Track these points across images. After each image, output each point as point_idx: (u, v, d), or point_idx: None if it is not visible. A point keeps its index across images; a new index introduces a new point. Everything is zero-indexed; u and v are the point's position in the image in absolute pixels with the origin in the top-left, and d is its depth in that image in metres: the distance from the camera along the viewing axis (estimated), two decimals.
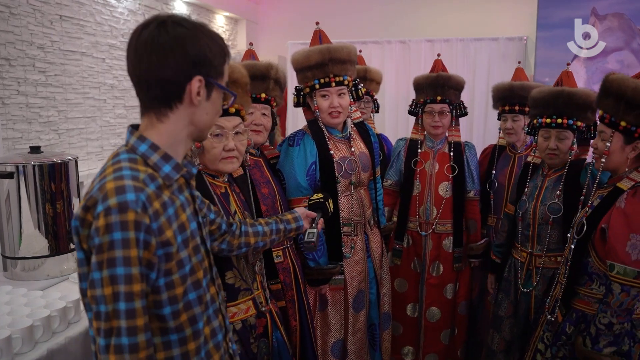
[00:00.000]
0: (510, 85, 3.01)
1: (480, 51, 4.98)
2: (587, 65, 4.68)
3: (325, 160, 2.42)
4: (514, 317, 2.55)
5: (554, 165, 2.46)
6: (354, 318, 2.55)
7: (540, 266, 2.44)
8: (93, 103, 3.56)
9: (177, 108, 1.15)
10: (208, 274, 1.27)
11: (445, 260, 2.99)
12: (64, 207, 2.28)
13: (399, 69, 5.20)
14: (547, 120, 2.37)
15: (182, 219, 1.17)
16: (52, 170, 2.24)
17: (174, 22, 1.12)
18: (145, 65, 1.12)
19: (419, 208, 3.02)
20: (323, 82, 2.38)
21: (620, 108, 1.89)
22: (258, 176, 2.20)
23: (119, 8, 3.78)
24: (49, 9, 3.14)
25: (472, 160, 3.04)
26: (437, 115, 2.95)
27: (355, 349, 2.57)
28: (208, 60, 1.14)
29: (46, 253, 2.26)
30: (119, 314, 1.02)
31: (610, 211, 1.89)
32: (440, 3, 5.21)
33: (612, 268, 1.83)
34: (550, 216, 2.39)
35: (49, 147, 3.17)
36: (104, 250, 1.02)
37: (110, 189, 1.05)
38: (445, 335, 3.07)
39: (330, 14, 5.36)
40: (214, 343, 1.24)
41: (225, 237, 1.62)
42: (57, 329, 1.83)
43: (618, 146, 1.92)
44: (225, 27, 5.44)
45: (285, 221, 1.80)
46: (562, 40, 4.72)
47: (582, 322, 1.99)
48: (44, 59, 3.12)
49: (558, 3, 4.70)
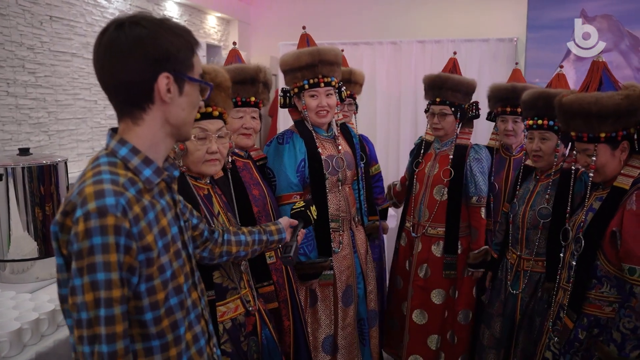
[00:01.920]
0: (512, 86, 2.94)
1: (471, 52, 5.00)
2: (577, 66, 4.72)
3: (314, 157, 2.49)
4: (502, 316, 2.58)
5: (543, 169, 2.48)
6: (344, 313, 2.61)
7: (528, 269, 2.46)
8: (83, 104, 3.55)
9: (150, 109, 1.14)
10: (190, 279, 1.26)
11: (433, 265, 2.94)
12: (53, 209, 2.28)
13: (390, 70, 5.21)
14: (529, 122, 2.40)
15: (163, 224, 1.16)
16: (42, 172, 2.23)
17: (131, 22, 1.10)
18: (107, 70, 1.11)
19: (414, 209, 3.04)
20: (312, 82, 2.47)
21: (594, 123, 1.91)
22: (248, 178, 2.21)
23: (110, 9, 3.77)
24: (38, 9, 3.13)
25: (475, 164, 2.90)
26: (437, 116, 2.94)
27: (346, 343, 2.62)
28: (172, 55, 1.11)
29: (35, 255, 2.25)
30: (99, 320, 1.02)
31: (620, 213, 1.88)
32: (431, 4, 5.23)
33: (633, 272, 1.80)
34: (540, 221, 2.41)
35: (38, 148, 3.15)
36: (84, 256, 1.01)
37: (89, 194, 1.03)
38: (433, 340, 2.98)
39: (322, 15, 5.37)
40: (196, 349, 1.23)
41: (207, 245, 1.62)
42: (46, 332, 1.83)
43: (608, 155, 1.94)
44: (217, 28, 5.43)
45: (268, 232, 1.80)
46: (552, 41, 4.75)
47: (595, 326, 1.95)
48: (33, 60, 3.11)
49: (548, 4, 4.73)
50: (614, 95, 1.88)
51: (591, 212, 2.01)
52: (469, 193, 2.90)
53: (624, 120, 1.88)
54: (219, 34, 5.48)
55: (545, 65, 4.74)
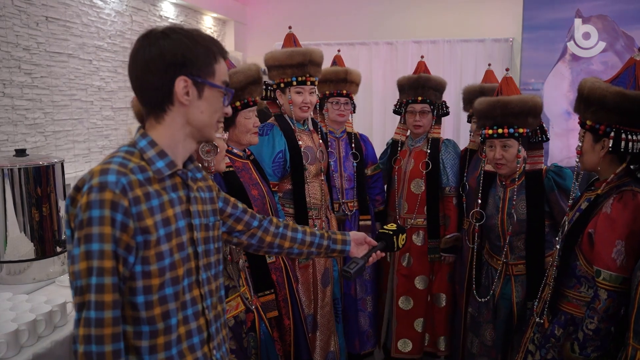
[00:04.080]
0: (481, 88, 3.05)
1: (466, 52, 5.02)
2: (572, 66, 4.73)
3: (294, 149, 2.68)
4: (492, 322, 2.56)
5: (506, 175, 2.48)
6: (322, 293, 2.82)
7: (518, 273, 2.47)
8: (80, 105, 3.54)
9: (171, 110, 1.23)
10: (193, 275, 1.28)
11: (415, 253, 3.18)
12: (50, 210, 2.27)
13: (386, 70, 5.22)
14: (489, 131, 2.38)
15: (168, 214, 1.21)
16: (38, 173, 2.23)
17: (159, 33, 1.21)
18: (134, 74, 1.23)
19: (395, 203, 3.26)
20: (300, 80, 2.68)
21: (581, 107, 1.92)
22: (247, 178, 2.23)
23: (106, 9, 3.76)
24: (34, 10, 3.12)
25: (447, 156, 3.17)
26: (418, 114, 3.14)
27: (325, 321, 2.85)
28: (189, 60, 1.19)
29: (32, 257, 2.25)
30: (90, 288, 1.09)
31: (597, 216, 1.90)
32: (427, 4, 5.24)
33: (599, 274, 1.83)
34: (521, 230, 2.42)
35: (35, 149, 3.15)
36: (83, 227, 1.10)
37: (96, 171, 1.14)
38: (419, 323, 3.24)
39: (318, 16, 5.38)
40: (188, 344, 1.25)
41: (255, 233, 1.60)
42: (43, 333, 1.83)
43: (589, 145, 1.94)
44: (213, 29, 5.43)
45: (332, 239, 1.70)
46: (547, 41, 4.77)
47: (571, 324, 1.99)
48: (29, 61, 3.10)
49: (543, 5, 4.75)
50: (608, 87, 1.87)
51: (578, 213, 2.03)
52: (442, 184, 3.16)
53: (604, 113, 1.87)
54: (215, 35, 5.48)
55: (540, 66, 4.76)
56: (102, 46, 3.72)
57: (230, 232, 1.55)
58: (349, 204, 3.19)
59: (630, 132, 1.84)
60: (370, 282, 3.30)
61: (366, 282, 3.27)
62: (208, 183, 1.40)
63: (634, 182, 1.89)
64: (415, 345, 3.25)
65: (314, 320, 2.81)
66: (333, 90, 3.12)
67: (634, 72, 1.90)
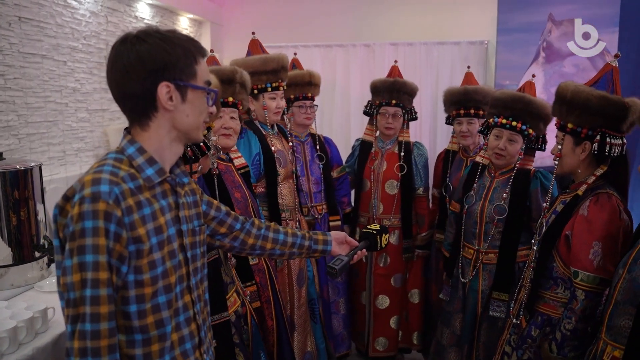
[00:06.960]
0: (464, 89, 3.12)
1: (443, 54, 5.08)
2: (545, 69, 4.83)
3: (267, 152, 2.75)
4: (462, 312, 2.63)
5: (499, 166, 2.55)
6: (298, 293, 2.89)
7: (487, 262, 2.53)
8: (54, 107, 3.47)
9: (155, 117, 1.21)
10: (184, 281, 1.27)
11: (391, 252, 3.28)
12: (28, 214, 2.23)
13: (363, 72, 5.24)
14: (502, 120, 2.46)
15: (160, 222, 1.20)
16: (15, 177, 2.18)
17: (134, 37, 1.18)
18: (113, 83, 1.21)
19: (368, 204, 3.31)
20: (274, 86, 2.75)
21: (563, 111, 1.97)
22: (230, 181, 2.22)
23: (81, 10, 3.70)
24: (6, 10, 3.05)
25: (419, 159, 3.31)
26: (391, 117, 3.23)
27: (301, 322, 2.92)
28: (169, 64, 1.17)
29: (9, 262, 2.20)
30: (85, 300, 1.07)
31: (574, 218, 1.94)
32: (404, 7, 5.29)
33: (576, 275, 1.87)
34: (495, 217, 2.50)
35: (9, 152, 3.07)
36: (76, 238, 1.09)
37: (87, 181, 1.12)
38: (395, 320, 3.34)
39: (295, 18, 5.37)
40: (180, 350, 1.25)
41: (238, 235, 1.59)
42: (24, 340, 1.79)
43: (569, 148, 1.99)
44: (189, 30, 5.38)
45: (313, 240, 1.71)
46: (521, 44, 4.85)
47: (548, 325, 2.03)
48: (2, 62, 3.03)
49: (517, 8, 4.83)
50: (592, 91, 1.91)
51: (554, 215, 2.06)
52: (415, 185, 3.29)
53: (588, 117, 1.91)
54: (192, 36, 5.43)
55: (514, 68, 4.84)
56: (76, 47, 3.65)
57: (213, 235, 1.55)
58: (317, 207, 3.20)
59: (612, 136, 1.89)
60: (342, 284, 3.35)
61: (338, 284, 3.32)
62: (192, 187, 1.40)
63: (607, 185, 1.94)
64: (391, 342, 3.35)
65: (291, 321, 2.87)
66: (299, 94, 3.13)
67: (612, 77, 1.96)
